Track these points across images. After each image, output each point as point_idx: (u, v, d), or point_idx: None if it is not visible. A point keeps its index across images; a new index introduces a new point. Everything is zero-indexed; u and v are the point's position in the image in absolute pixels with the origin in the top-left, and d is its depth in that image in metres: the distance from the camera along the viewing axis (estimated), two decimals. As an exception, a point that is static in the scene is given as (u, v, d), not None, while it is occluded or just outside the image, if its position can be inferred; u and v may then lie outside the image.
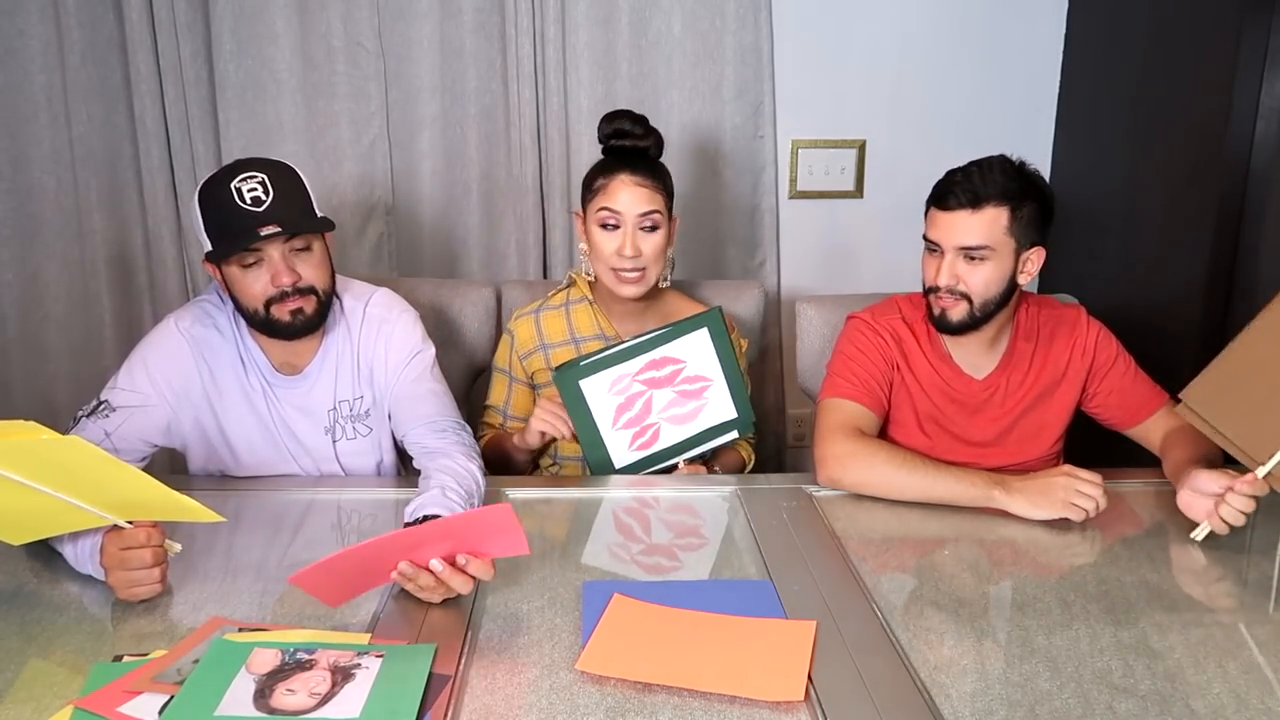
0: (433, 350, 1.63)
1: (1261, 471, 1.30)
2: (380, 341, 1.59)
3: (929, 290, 1.57)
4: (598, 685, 0.99)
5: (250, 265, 1.43)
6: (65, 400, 2.44)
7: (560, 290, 1.81)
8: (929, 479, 1.45)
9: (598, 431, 1.61)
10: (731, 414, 1.65)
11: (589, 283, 1.78)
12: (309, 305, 1.47)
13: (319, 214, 1.48)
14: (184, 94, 2.31)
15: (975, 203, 1.49)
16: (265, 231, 1.39)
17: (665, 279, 1.75)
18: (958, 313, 1.54)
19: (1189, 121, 2.01)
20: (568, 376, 1.59)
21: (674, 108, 2.40)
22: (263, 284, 1.43)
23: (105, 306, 2.43)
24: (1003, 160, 1.52)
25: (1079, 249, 2.39)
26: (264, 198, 1.41)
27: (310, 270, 1.46)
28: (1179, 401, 1.40)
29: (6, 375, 2.44)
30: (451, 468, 1.39)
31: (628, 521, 1.46)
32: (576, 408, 1.60)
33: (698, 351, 1.62)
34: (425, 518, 1.22)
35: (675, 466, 1.66)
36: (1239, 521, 1.32)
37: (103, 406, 1.46)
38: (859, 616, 1.13)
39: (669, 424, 1.63)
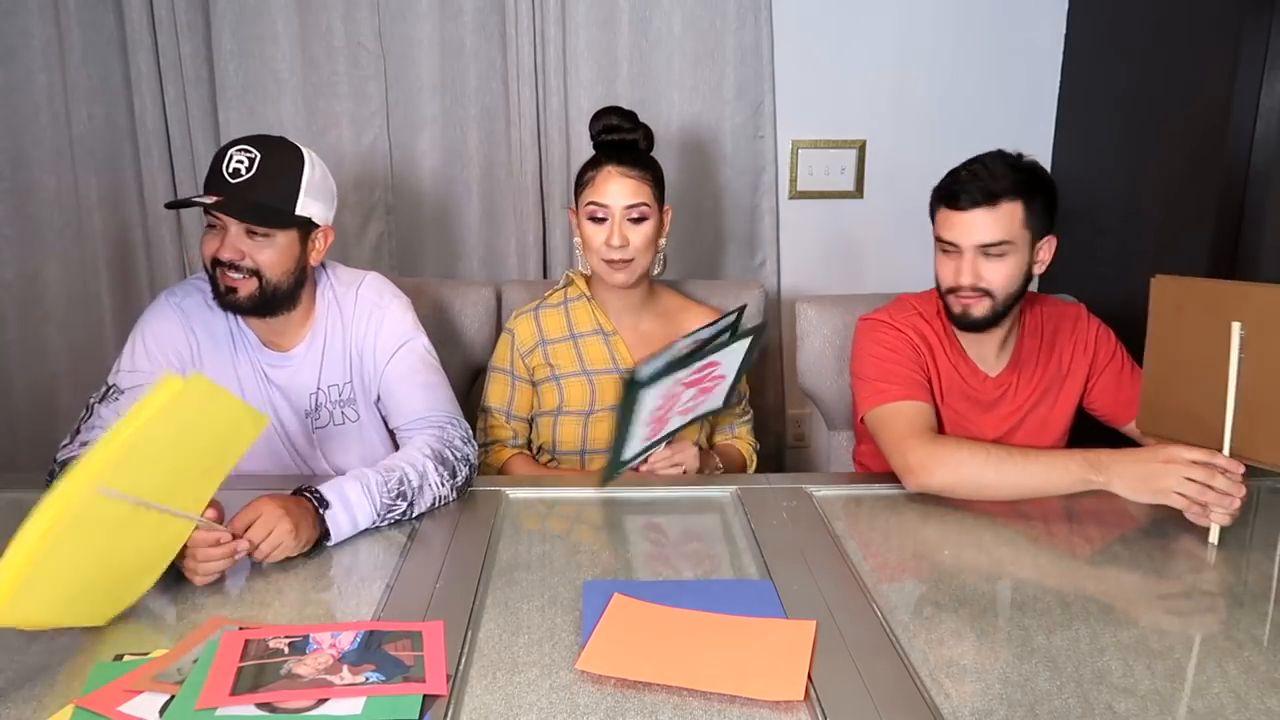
0: (423, 338, 1.62)
1: (1225, 450, 1.32)
2: (371, 328, 1.58)
3: (948, 291, 1.55)
4: (598, 685, 0.99)
5: (213, 227, 1.45)
6: (65, 400, 2.44)
7: (558, 289, 1.82)
8: (1020, 471, 1.40)
9: (628, 430, 1.48)
10: (718, 404, 1.62)
11: (586, 279, 1.79)
12: (245, 287, 1.45)
13: (299, 211, 1.46)
14: (184, 94, 2.32)
15: (991, 199, 1.48)
16: (199, 197, 1.42)
17: (657, 267, 1.76)
18: (981, 308, 1.53)
19: (1189, 121, 2.01)
20: (635, 388, 1.41)
21: (674, 108, 2.40)
22: (213, 247, 1.45)
23: (105, 306, 2.43)
24: (1004, 155, 1.52)
25: (1079, 248, 2.39)
26: (243, 172, 1.41)
27: (262, 255, 1.45)
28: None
29: (6, 375, 2.44)
30: (390, 463, 1.39)
31: (628, 521, 1.46)
32: (626, 412, 1.45)
33: (733, 356, 1.56)
34: (310, 494, 1.29)
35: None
36: (1225, 503, 1.30)
37: (111, 391, 1.47)
38: (859, 616, 1.13)
39: (677, 415, 1.58)
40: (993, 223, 1.49)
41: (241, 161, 1.41)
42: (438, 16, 2.33)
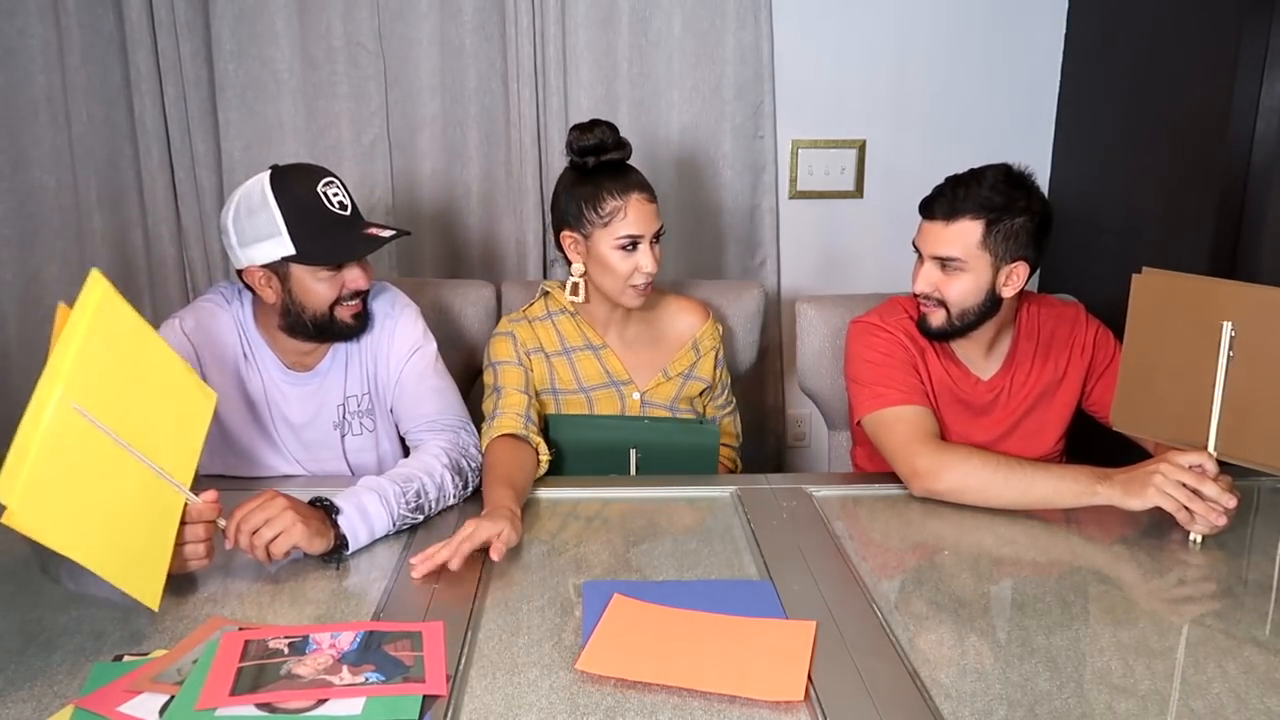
0: (434, 345, 1.64)
1: (1211, 449, 1.31)
2: (384, 336, 1.60)
3: (915, 295, 1.59)
4: (598, 685, 0.99)
5: (333, 269, 1.46)
6: (65, 400, 2.44)
7: (536, 302, 1.77)
8: (1028, 479, 1.40)
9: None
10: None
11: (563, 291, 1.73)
12: (362, 306, 1.53)
13: None
14: (184, 94, 2.31)
15: (949, 215, 1.51)
16: (386, 234, 1.45)
17: None
18: (936, 319, 1.56)
19: (1189, 121, 2.01)
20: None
21: (674, 108, 2.39)
22: (334, 287, 1.46)
23: (105, 306, 2.43)
24: (996, 171, 1.52)
25: (1079, 249, 2.39)
26: (347, 203, 1.46)
27: (371, 272, 1.52)
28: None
29: (6, 375, 2.44)
30: (409, 472, 1.39)
31: (628, 521, 1.46)
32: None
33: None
34: (322, 502, 1.29)
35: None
36: (1211, 516, 1.29)
37: None
38: (859, 616, 1.13)
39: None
40: (947, 237, 1.51)
41: (339, 194, 1.46)
42: (437, 16, 2.32)
